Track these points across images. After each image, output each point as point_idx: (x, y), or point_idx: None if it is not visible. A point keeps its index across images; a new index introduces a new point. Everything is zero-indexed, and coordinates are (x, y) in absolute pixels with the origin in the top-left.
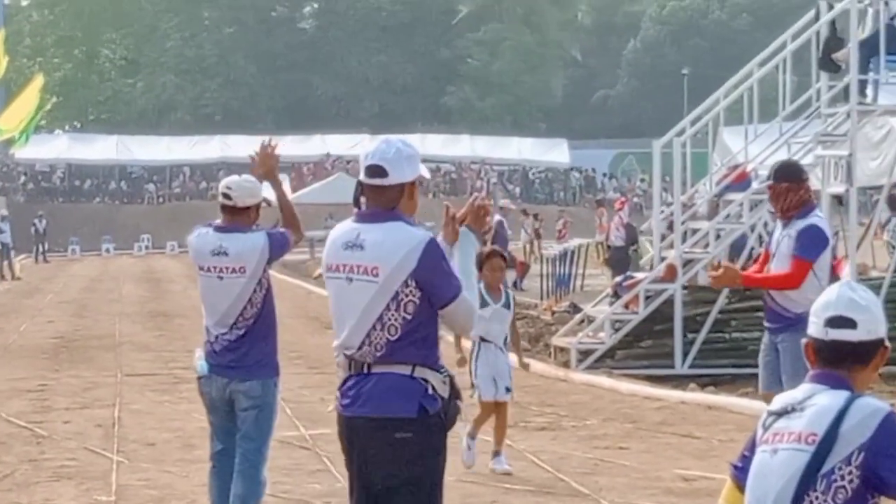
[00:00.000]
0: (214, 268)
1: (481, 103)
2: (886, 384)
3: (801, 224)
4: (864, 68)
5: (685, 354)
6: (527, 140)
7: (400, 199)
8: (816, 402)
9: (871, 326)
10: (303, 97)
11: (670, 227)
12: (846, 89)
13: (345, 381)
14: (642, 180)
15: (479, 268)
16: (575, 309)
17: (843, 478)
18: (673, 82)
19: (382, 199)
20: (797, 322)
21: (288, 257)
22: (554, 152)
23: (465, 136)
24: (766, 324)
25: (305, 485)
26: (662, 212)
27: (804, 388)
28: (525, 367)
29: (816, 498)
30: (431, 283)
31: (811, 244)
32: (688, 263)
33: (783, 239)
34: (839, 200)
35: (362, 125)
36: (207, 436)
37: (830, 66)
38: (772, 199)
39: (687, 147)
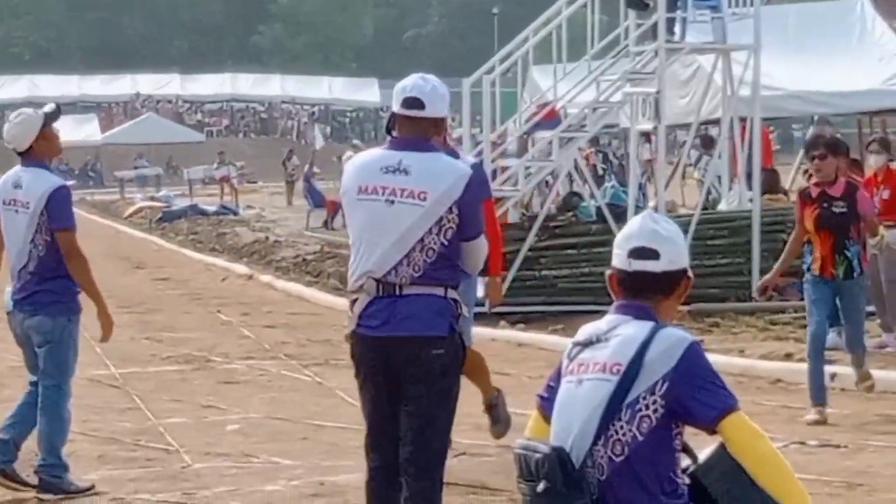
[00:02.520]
0: (13, 201)
1: (292, 42)
2: (695, 321)
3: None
4: (671, 7)
5: None
6: (337, 79)
7: (431, 132)
8: (621, 332)
9: (674, 257)
10: (112, 36)
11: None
12: (654, 28)
13: (370, 304)
14: (453, 119)
15: None
16: None
17: (647, 407)
18: (483, 21)
19: (417, 130)
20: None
21: (98, 197)
22: (364, 92)
23: (275, 76)
24: None
25: (115, 423)
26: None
27: (609, 318)
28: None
29: (621, 427)
30: (469, 214)
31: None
32: (498, 201)
33: None
34: (647, 138)
35: (172, 65)
36: (18, 375)
37: (638, 4)
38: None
39: (496, 86)
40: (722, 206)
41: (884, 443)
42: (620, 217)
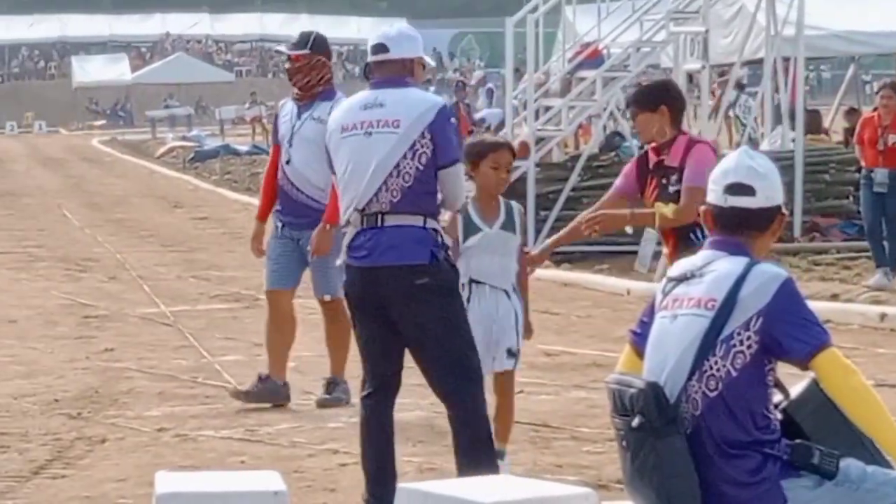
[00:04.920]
0: None
1: None
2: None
3: (328, 105)
4: None
5: (538, 232)
6: (366, 19)
7: (404, 73)
8: (716, 267)
9: (770, 193)
10: None
11: (524, 105)
12: None
13: (356, 236)
14: (480, 58)
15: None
16: None
17: (741, 342)
18: None
19: (388, 71)
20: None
21: (130, 137)
22: None
23: (304, 16)
24: (283, 218)
25: (171, 360)
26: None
27: (703, 254)
28: (528, 331)
29: (716, 363)
30: (442, 139)
31: None
32: (540, 141)
33: (307, 122)
34: (690, 78)
35: (201, 4)
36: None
37: None
38: (297, 71)
39: (540, 25)
40: (764, 147)
41: None
42: None
